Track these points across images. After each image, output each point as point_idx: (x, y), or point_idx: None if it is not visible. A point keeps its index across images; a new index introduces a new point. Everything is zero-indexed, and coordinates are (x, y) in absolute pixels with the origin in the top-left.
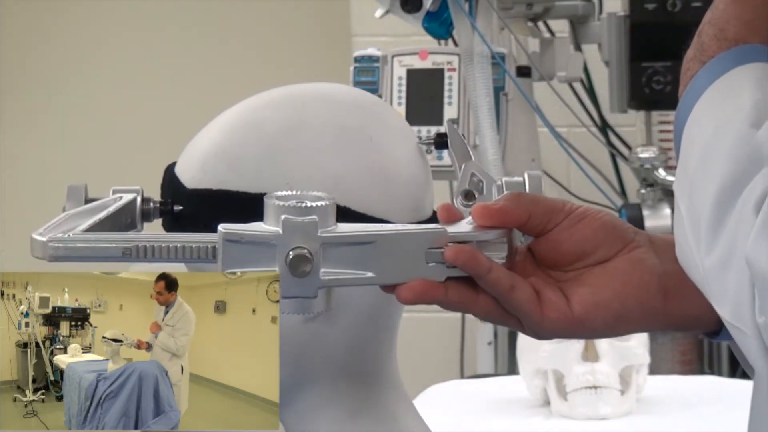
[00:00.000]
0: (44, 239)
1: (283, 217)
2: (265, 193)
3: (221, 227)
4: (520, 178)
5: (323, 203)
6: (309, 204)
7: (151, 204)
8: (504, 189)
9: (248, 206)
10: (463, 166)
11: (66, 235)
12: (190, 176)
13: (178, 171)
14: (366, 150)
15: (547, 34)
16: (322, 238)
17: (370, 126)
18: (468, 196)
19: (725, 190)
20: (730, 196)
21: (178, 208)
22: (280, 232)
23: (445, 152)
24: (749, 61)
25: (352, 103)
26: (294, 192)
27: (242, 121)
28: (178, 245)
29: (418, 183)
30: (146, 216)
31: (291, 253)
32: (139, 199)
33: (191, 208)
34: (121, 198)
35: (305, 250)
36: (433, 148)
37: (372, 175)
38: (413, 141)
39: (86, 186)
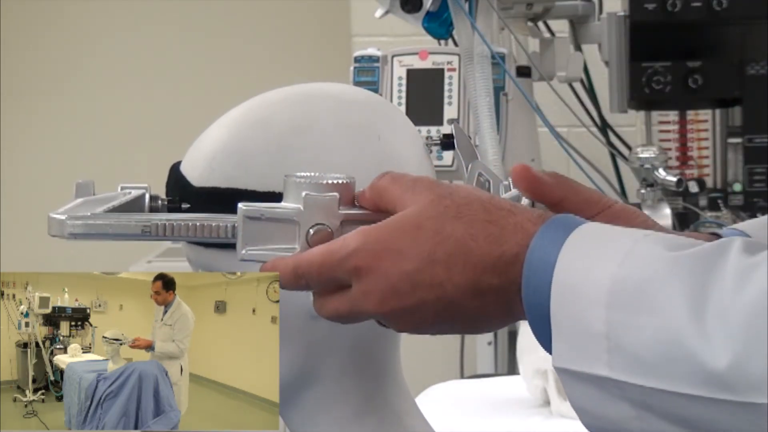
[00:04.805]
0: (63, 217)
1: (304, 193)
2: (272, 192)
3: (241, 204)
4: None
5: (343, 181)
6: (329, 181)
7: (159, 201)
8: (511, 188)
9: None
10: (469, 166)
11: (85, 213)
12: (197, 174)
13: (185, 169)
14: (374, 148)
15: (547, 34)
16: (342, 215)
17: (377, 125)
18: None
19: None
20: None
21: (185, 206)
22: (302, 208)
23: (445, 152)
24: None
25: (359, 102)
26: (314, 173)
27: (250, 119)
28: (198, 223)
29: None
30: (154, 213)
31: (311, 230)
32: (147, 196)
33: (198, 206)
34: (130, 193)
35: (326, 227)
36: (433, 148)
37: (379, 172)
38: (419, 140)
39: (94, 183)
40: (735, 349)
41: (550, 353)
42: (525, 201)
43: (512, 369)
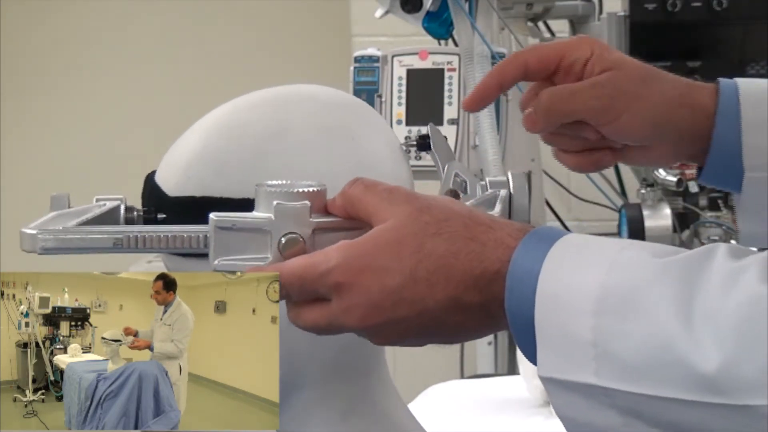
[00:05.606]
0: (34, 232)
1: (275, 202)
2: (248, 198)
3: (212, 215)
4: (504, 178)
5: (314, 189)
6: (301, 189)
7: (135, 213)
8: (488, 188)
9: (232, 212)
10: (446, 167)
11: (56, 228)
12: (172, 184)
13: (160, 179)
14: (349, 149)
15: (547, 34)
16: (314, 223)
17: (352, 126)
18: (452, 196)
19: (684, 304)
20: (689, 309)
21: (161, 216)
22: (273, 217)
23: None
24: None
25: (333, 103)
26: (285, 181)
27: (223, 126)
28: (169, 235)
29: (401, 182)
30: (130, 224)
31: (283, 239)
32: (122, 208)
33: (174, 216)
34: (105, 204)
35: (297, 236)
36: (416, 149)
37: (356, 174)
38: (395, 140)
39: (69, 195)
40: (725, 352)
41: (535, 364)
42: (498, 207)
43: (512, 369)
